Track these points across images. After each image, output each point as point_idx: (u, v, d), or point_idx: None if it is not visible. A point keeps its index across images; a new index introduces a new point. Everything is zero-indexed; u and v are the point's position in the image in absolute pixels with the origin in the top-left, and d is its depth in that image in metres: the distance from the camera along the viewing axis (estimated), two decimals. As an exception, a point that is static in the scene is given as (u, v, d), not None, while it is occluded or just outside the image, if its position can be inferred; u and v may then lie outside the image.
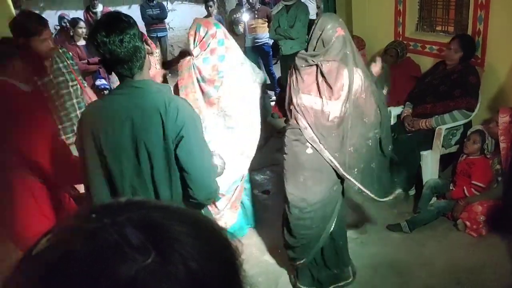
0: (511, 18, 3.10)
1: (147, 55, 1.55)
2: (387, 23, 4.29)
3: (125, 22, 1.45)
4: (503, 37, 3.19)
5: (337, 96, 2.23)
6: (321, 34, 2.23)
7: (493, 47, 3.29)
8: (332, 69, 2.22)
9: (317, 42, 2.26)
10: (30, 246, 0.42)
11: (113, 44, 1.41)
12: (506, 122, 2.95)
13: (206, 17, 7.10)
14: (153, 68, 2.76)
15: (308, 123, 2.29)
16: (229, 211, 2.84)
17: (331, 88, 2.22)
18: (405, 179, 2.71)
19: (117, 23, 1.44)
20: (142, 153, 1.49)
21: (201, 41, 2.56)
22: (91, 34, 1.48)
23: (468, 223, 2.93)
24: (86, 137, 1.52)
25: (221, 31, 2.63)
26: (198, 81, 2.57)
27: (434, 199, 3.26)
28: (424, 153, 3.32)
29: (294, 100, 2.32)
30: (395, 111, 3.73)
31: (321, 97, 2.25)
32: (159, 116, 1.45)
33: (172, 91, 1.68)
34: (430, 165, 3.34)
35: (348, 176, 2.36)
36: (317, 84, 2.25)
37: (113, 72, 1.53)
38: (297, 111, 2.32)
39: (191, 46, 2.58)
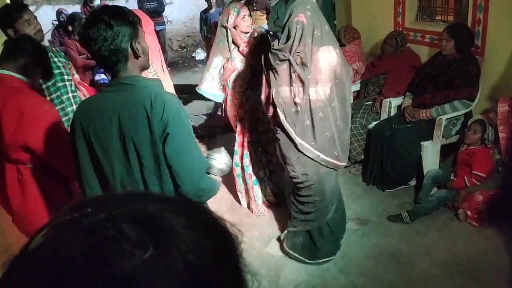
0: (511, 7, 3.07)
1: (132, 57, 1.48)
2: (386, 13, 4.26)
3: (104, 21, 1.39)
4: (503, 26, 3.17)
5: (318, 80, 2.32)
6: (286, 22, 2.31)
7: (493, 36, 3.27)
8: (307, 56, 2.28)
9: (283, 31, 2.34)
10: (25, 243, 0.41)
11: (85, 32, 1.41)
12: (504, 112, 2.95)
13: (206, 9, 7.08)
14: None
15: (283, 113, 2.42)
16: None
17: (302, 79, 2.31)
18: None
19: (101, 16, 1.40)
20: (131, 151, 1.47)
21: None
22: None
23: (469, 213, 2.93)
24: (77, 136, 1.51)
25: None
26: None
27: (435, 189, 3.26)
28: (424, 143, 3.32)
29: (272, 92, 2.43)
30: (395, 101, 3.72)
31: (291, 85, 2.35)
32: (145, 112, 1.42)
33: (164, 86, 1.64)
34: (430, 155, 3.34)
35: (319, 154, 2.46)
36: (290, 75, 2.34)
37: None
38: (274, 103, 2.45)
39: None
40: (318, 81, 2.32)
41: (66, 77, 2.63)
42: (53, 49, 2.74)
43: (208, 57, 6.79)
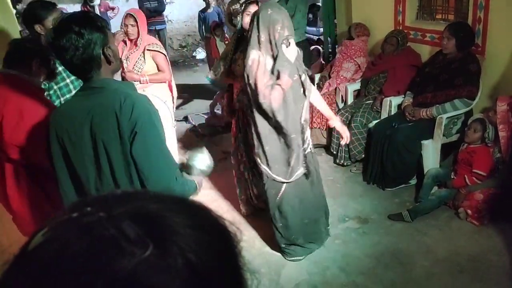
0: (512, 5, 3.07)
1: (105, 63, 1.48)
2: (387, 12, 4.25)
3: (74, 31, 1.37)
4: (504, 25, 3.17)
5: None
6: None
7: (493, 35, 3.27)
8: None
9: None
10: (25, 242, 0.41)
11: (56, 42, 1.40)
12: (504, 111, 2.94)
13: (204, 9, 7.06)
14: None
15: None
16: None
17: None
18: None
19: (70, 25, 1.39)
20: (102, 154, 1.46)
21: None
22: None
23: (469, 212, 2.93)
24: (52, 142, 1.51)
25: None
26: None
27: (435, 188, 3.26)
28: (425, 142, 3.32)
29: None
30: (395, 100, 3.72)
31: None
32: (114, 113, 1.41)
33: (136, 88, 1.61)
34: (431, 154, 3.34)
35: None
36: None
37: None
38: None
39: None
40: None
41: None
42: None
43: (207, 56, 6.80)
